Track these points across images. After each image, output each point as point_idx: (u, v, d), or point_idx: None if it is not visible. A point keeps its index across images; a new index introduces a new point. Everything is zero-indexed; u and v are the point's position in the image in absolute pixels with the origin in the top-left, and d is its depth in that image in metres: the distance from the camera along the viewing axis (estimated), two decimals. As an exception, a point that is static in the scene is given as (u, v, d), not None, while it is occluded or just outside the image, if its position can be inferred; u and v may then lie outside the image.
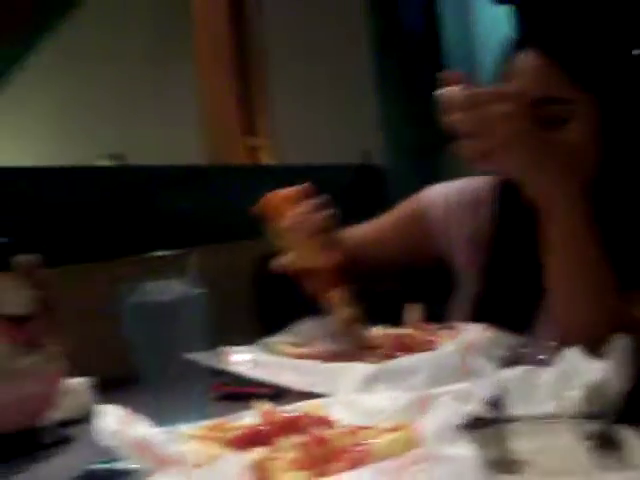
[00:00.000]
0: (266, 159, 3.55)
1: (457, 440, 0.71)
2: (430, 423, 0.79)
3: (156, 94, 4.22)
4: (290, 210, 1.28)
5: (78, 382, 1.41)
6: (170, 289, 1.17)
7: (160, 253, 1.99)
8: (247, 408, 0.98)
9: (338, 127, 3.35)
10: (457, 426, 0.74)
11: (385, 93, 3.49)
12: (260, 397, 1.22)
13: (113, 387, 1.45)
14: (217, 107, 3.60)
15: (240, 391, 1.29)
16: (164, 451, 0.80)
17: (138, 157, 4.03)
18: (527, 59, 1.28)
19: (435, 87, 1.10)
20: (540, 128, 1.11)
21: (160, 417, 1.16)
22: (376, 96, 3.44)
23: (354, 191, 2.88)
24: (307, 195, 1.33)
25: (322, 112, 3.51)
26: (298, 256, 1.26)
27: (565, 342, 1.14)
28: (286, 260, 1.29)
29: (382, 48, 3.62)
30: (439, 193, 1.54)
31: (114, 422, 0.81)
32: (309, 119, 3.53)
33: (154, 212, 2.28)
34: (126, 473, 0.88)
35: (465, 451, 0.69)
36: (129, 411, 0.85)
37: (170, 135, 3.98)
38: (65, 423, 1.23)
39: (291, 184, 2.83)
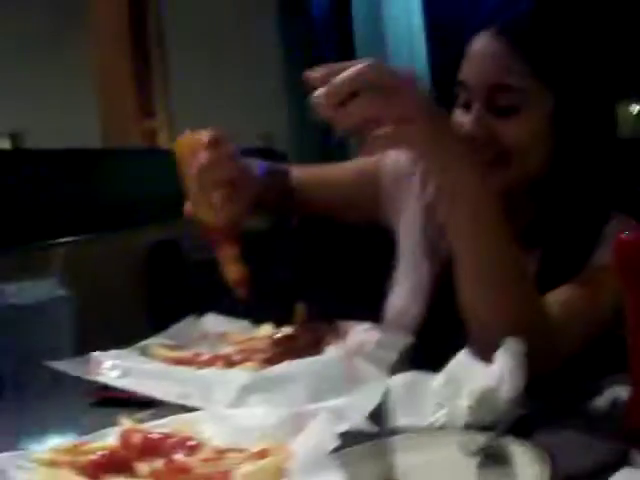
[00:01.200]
0: (164, 142, 3.43)
1: (327, 471, 0.64)
2: (301, 449, 0.72)
3: (57, 75, 4.07)
4: (201, 155, 1.16)
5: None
6: (32, 290, 1.07)
7: (34, 245, 1.88)
8: (126, 414, 0.90)
9: (239, 109, 3.26)
10: (329, 451, 0.67)
11: (290, 73, 3.42)
12: (136, 403, 1.15)
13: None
14: (114, 88, 3.46)
15: (116, 396, 1.21)
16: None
17: (37, 137, 3.89)
18: (484, 43, 1.20)
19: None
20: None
21: (27, 430, 1.08)
22: (280, 77, 3.37)
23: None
24: (222, 141, 1.20)
25: (223, 94, 3.41)
26: (197, 207, 1.17)
27: (475, 337, 1.08)
28: (188, 208, 1.19)
29: (287, 26, 3.54)
30: (393, 162, 1.44)
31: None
32: (209, 101, 3.43)
33: (44, 198, 2.16)
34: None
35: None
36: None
37: (70, 116, 3.84)
38: None
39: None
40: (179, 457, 0.74)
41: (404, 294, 1.39)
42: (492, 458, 0.81)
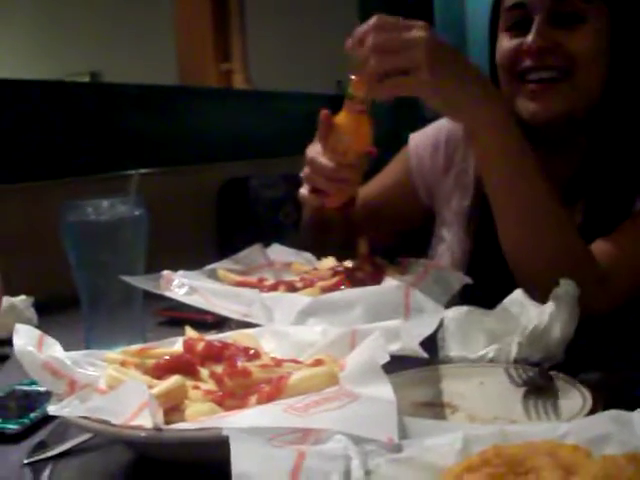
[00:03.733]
0: (239, 84, 3.47)
1: (377, 380, 0.68)
2: (353, 360, 0.76)
3: (137, 16, 4.13)
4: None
5: (20, 300, 1.39)
6: (111, 209, 1.13)
7: (113, 173, 1.94)
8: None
9: (314, 55, 3.27)
10: (381, 365, 0.71)
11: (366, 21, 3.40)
12: (202, 324, 1.21)
13: (57, 307, 1.43)
14: (192, 30, 3.51)
15: (183, 316, 1.27)
16: (75, 374, 0.76)
17: (116, 76, 3.97)
18: None
19: (419, 17, 1.07)
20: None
21: (97, 339, 1.14)
22: (356, 25, 3.35)
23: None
24: None
25: (299, 39, 3.43)
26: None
27: (517, 274, 1.12)
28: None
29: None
30: (416, 143, 1.50)
31: (27, 343, 0.78)
32: (285, 46, 3.45)
33: (123, 131, 2.22)
34: (46, 395, 0.85)
35: (383, 392, 0.66)
36: (42, 333, 0.81)
37: (149, 57, 3.90)
38: (4, 341, 1.19)
39: (263, 110, 2.79)
40: (239, 362, 0.78)
41: (445, 254, 1.42)
42: (537, 390, 0.84)
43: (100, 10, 4.31)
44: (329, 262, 1.26)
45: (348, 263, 1.22)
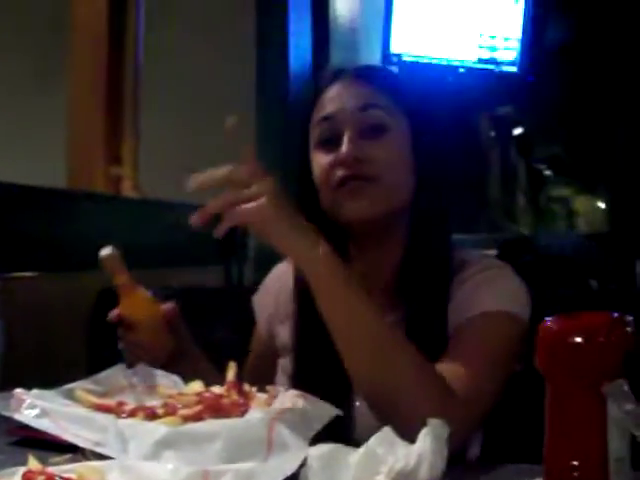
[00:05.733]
0: (129, 190, 3.42)
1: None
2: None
3: (31, 118, 4.08)
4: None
5: None
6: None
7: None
8: (42, 455, 0.91)
9: (205, 165, 3.25)
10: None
11: (263, 131, 3.44)
12: (57, 445, 1.13)
13: None
14: (83, 132, 3.45)
15: (37, 436, 1.18)
16: None
17: (7, 173, 3.89)
18: (342, 83, 1.37)
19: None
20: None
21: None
22: (252, 134, 3.39)
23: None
24: None
25: (192, 145, 3.43)
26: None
27: (368, 403, 1.17)
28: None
29: (265, 86, 3.58)
30: (257, 302, 1.60)
31: None
32: (177, 155, 3.45)
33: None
34: None
35: None
36: None
37: (42, 155, 3.84)
38: None
39: (148, 219, 2.75)
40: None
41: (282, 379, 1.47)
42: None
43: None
44: (196, 386, 1.20)
45: (216, 389, 1.17)
